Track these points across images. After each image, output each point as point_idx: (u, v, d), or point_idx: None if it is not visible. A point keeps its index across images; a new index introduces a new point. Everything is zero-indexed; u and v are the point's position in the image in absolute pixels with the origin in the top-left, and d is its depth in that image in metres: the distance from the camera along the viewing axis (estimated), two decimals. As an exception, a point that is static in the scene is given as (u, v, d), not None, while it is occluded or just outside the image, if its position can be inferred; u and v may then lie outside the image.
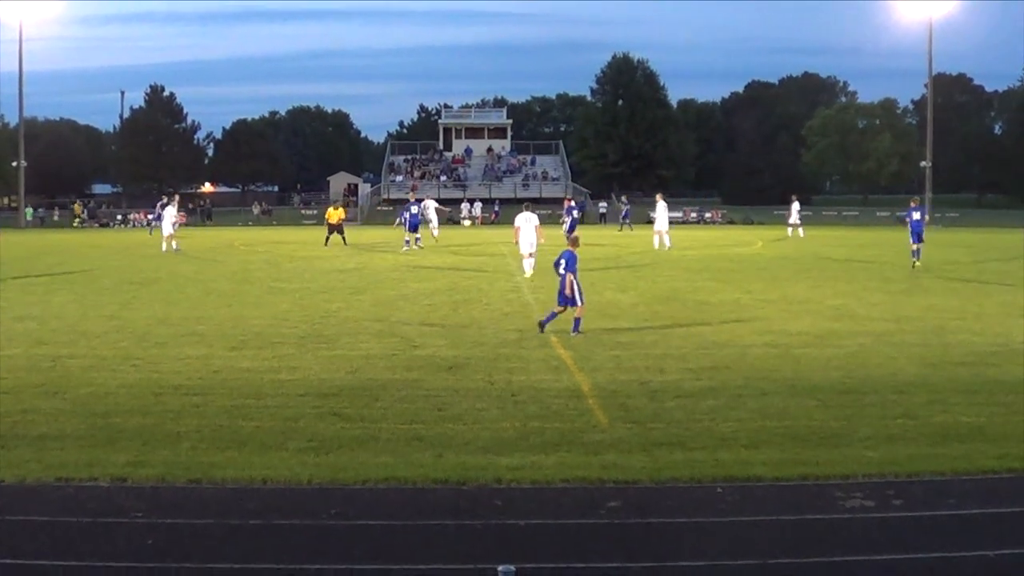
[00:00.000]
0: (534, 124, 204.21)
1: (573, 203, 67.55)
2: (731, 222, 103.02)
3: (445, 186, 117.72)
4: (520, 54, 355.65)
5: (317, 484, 13.09)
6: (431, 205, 66.94)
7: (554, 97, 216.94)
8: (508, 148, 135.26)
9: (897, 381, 19.67)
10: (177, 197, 71.77)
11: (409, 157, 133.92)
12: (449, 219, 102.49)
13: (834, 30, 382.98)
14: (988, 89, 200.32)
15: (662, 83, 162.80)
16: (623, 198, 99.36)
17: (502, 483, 13.16)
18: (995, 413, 17.23)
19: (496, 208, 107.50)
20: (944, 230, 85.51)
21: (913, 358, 22.16)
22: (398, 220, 60.44)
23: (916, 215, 48.02)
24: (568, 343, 23.49)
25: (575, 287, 24.81)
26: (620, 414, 16.76)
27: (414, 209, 58.77)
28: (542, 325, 25.29)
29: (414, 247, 57.07)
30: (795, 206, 76.38)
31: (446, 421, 16.22)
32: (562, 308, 25.20)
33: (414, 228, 58.02)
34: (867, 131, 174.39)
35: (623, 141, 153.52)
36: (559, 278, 25.35)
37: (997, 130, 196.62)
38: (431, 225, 65.47)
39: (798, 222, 74.55)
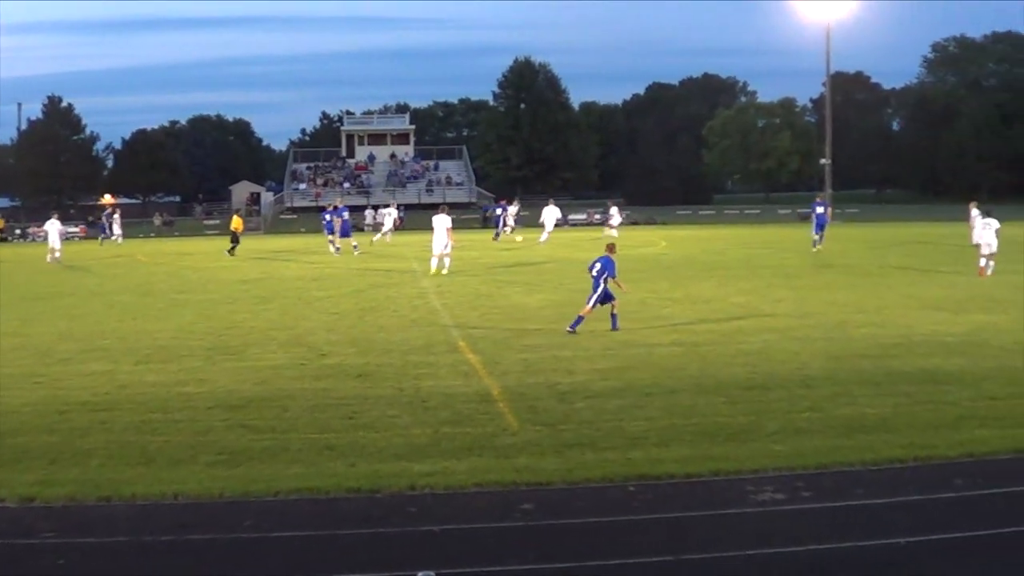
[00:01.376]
0: (437, 129, 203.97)
1: (502, 203, 74.53)
2: (634, 223, 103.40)
3: (348, 193, 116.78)
4: (422, 59, 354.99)
5: (229, 497, 13.01)
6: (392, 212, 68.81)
7: (456, 102, 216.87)
8: (411, 154, 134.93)
9: (802, 375, 19.96)
10: (117, 211, 69.98)
11: (312, 165, 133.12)
12: (352, 226, 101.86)
13: (734, 31, 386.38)
14: (885, 86, 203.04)
15: (564, 86, 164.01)
16: (502, 202, 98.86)
17: (416, 489, 13.16)
18: (899, 404, 17.55)
19: (401, 214, 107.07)
20: (845, 225, 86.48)
21: (817, 352, 22.47)
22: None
23: (820, 209, 54.59)
24: (476, 347, 23.52)
25: (602, 291, 25.68)
26: (530, 417, 16.82)
27: (346, 215, 61.23)
28: (573, 329, 25.49)
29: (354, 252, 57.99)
30: (613, 210, 76.98)
31: (357, 429, 16.19)
32: (590, 305, 25.83)
33: (345, 234, 59.80)
34: (767, 130, 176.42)
35: (526, 145, 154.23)
36: (592, 280, 25.97)
37: (895, 127, 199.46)
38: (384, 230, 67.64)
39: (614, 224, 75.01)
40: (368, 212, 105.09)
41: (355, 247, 58.36)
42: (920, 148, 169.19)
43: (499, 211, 72.28)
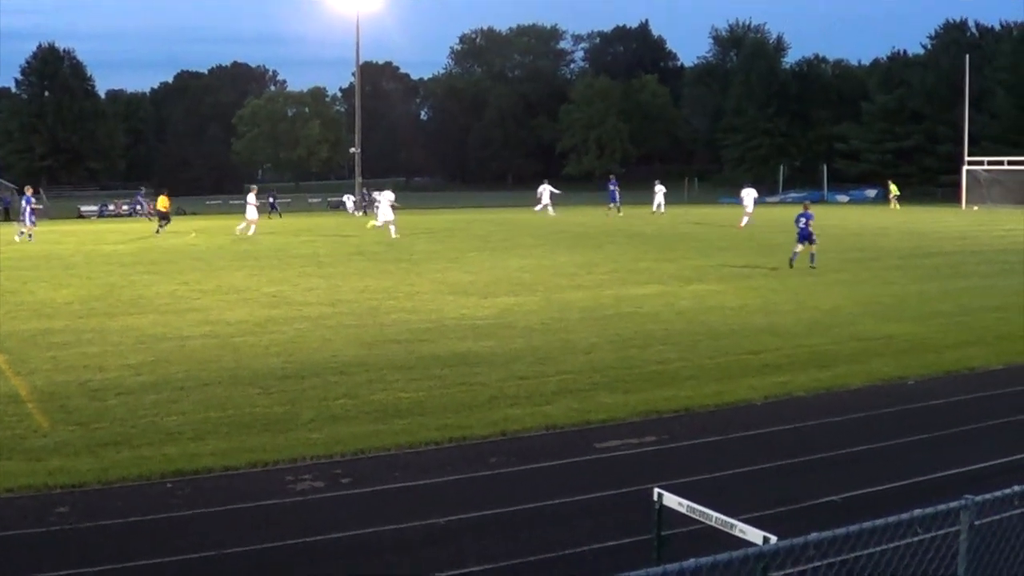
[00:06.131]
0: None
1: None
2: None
3: None
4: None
5: None
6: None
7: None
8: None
9: (337, 363, 20.21)
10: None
11: None
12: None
13: (263, 20, 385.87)
14: (414, 76, 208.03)
15: (89, 74, 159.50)
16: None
17: (-59, 498, 12.47)
18: (432, 387, 18.07)
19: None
20: (373, 215, 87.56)
21: (351, 339, 22.80)
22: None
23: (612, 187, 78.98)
24: (1, 347, 22.45)
25: (805, 233, 37.03)
26: (62, 416, 16.25)
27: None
28: (791, 262, 36.99)
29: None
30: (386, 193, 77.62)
31: None
32: (802, 246, 37.14)
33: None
34: (297, 119, 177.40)
35: (51, 134, 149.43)
36: (799, 229, 37.21)
37: (424, 116, 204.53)
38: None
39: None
40: None
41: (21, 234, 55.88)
42: (449, 137, 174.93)
43: (612, 187, 79.93)
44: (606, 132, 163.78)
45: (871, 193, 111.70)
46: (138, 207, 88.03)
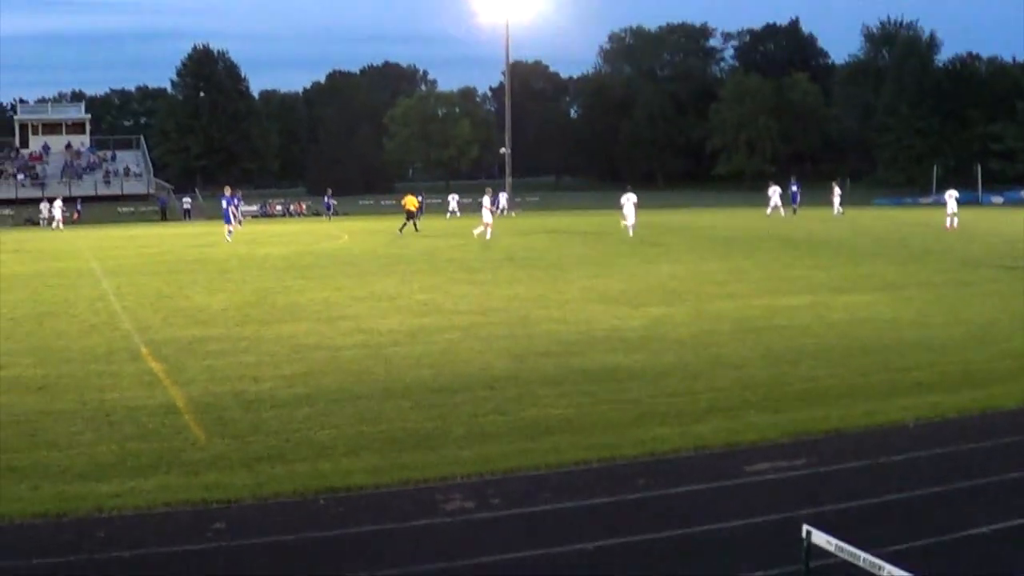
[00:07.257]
0: (113, 118, 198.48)
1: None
2: (317, 214, 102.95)
3: (23, 185, 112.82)
4: (96, 44, 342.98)
5: (-99, 529, 12.38)
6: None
7: (134, 90, 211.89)
8: (87, 144, 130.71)
9: (487, 376, 20.23)
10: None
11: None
12: (27, 220, 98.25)
13: (413, 19, 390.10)
14: (564, 75, 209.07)
15: (243, 74, 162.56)
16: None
17: (104, 512, 12.72)
18: (581, 404, 17.98)
19: (78, 207, 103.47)
20: (524, 215, 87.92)
21: (501, 352, 22.81)
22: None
23: (793, 187, 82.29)
24: (160, 354, 22.96)
25: None
26: (218, 429, 16.53)
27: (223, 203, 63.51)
28: None
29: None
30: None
31: (39, 448, 15.49)
32: None
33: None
34: (447, 119, 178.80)
35: (205, 134, 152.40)
36: None
37: (573, 115, 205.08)
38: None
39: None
40: (43, 205, 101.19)
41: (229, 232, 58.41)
42: (598, 136, 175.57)
43: (794, 188, 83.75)
44: (756, 131, 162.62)
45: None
46: (330, 207, 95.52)
